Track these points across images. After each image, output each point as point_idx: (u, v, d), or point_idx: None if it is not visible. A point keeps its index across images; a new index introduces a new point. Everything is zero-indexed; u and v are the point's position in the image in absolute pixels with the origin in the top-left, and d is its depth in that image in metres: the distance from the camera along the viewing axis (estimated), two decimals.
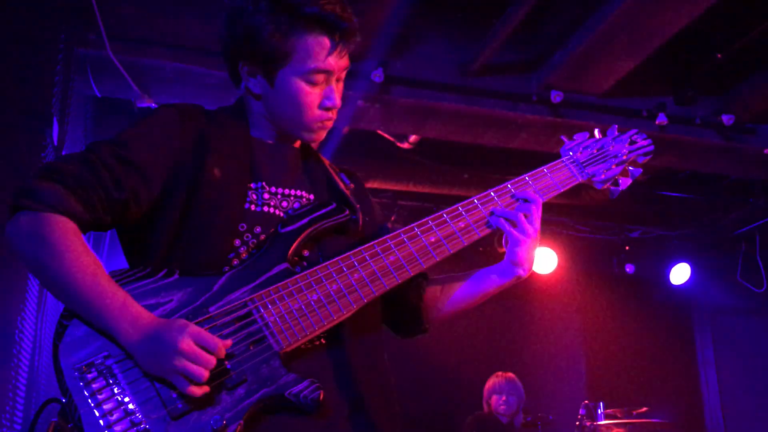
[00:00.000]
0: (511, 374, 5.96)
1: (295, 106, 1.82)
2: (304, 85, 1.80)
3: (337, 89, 1.86)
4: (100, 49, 4.03)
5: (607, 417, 5.47)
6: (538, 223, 1.91)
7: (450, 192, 6.44)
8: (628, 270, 7.85)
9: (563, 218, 7.39)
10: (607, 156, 2.07)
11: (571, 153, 2.07)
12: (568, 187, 2.01)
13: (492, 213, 1.89)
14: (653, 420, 5.48)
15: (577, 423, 5.31)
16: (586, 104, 5.01)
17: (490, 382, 5.98)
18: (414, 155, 5.85)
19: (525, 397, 5.90)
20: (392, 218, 6.73)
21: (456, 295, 2.04)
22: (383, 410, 1.74)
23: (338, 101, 1.86)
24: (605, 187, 2.08)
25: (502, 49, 4.60)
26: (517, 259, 1.92)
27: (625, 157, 2.08)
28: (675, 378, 8.04)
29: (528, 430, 5.75)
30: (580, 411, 5.40)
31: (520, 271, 1.93)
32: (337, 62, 1.80)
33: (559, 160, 2.04)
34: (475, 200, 1.90)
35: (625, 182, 2.08)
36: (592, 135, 2.12)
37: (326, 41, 1.76)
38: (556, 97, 4.81)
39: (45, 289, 1.64)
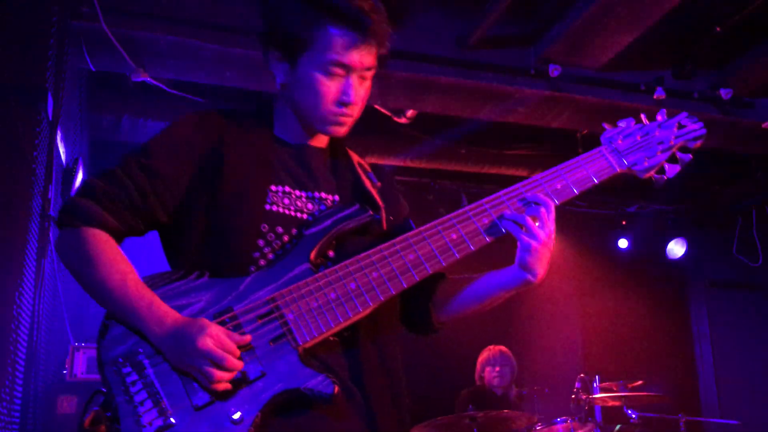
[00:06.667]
0: (503, 347, 6.03)
1: (312, 96, 1.84)
2: (321, 76, 1.81)
3: (360, 87, 1.86)
4: (93, 22, 3.99)
5: (602, 390, 5.51)
6: (549, 226, 1.85)
7: (447, 167, 6.42)
8: (624, 244, 7.87)
9: None
10: (651, 143, 1.96)
11: (611, 141, 1.97)
12: (604, 178, 1.93)
13: (502, 216, 1.83)
14: (648, 393, 5.52)
15: (573, 396, 5.34)
16: (584, 78, 4.99)
17: (483, 355, 6.05)
18: (411, 130, 5.83)
19: (518, 370, 5.99)
20: None
21: (464, 297, 2.00)
22: (388, 411, 1.80)
23: (356, 98, 1.85)
24: (648, 175, 1.97)
25: (500, 22, 4.56)
26: (527, 264, 1.87)
27: (671, 143, 1.96)
28: (670, 351, 8.11)
29: (522, 403, 5.80)
30: (576, 384, 5.43)
31: (530, 277, 1.88)
32: (359, 59, 1.80)
33: (597, 149, 1.95)
34: (484, 203, 1.84)
35: (673, 169, 1.96)
36: (639, 121, 2.00)
37: (349, 35, 1.78)
38: (554, 70, 4.78)
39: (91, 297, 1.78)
